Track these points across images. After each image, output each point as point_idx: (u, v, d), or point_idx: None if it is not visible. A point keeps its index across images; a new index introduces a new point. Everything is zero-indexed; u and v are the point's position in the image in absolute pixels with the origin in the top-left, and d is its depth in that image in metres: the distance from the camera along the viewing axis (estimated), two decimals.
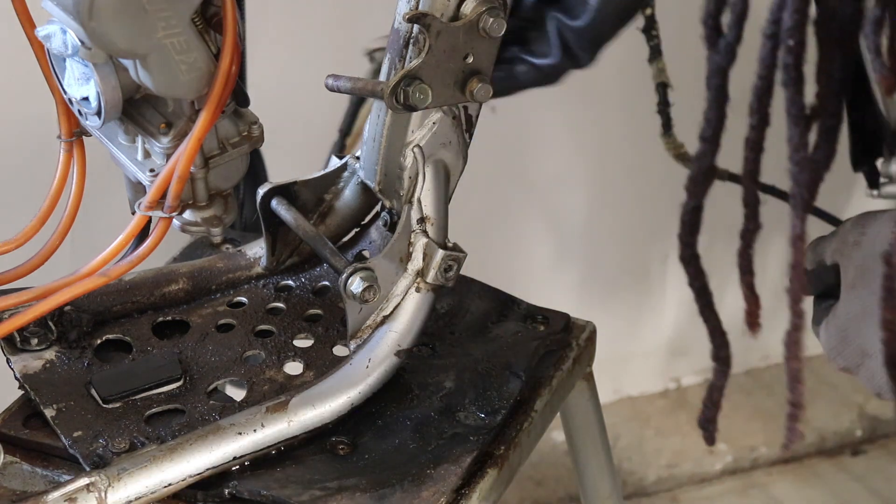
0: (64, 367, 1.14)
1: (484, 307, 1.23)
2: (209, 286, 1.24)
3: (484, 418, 1.11)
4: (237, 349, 1.17)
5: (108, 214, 1.58)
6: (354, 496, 1.03)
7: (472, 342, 1.19)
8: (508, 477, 1.11)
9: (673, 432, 2.20)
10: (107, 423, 1.09)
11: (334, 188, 1.23)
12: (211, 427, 1.06)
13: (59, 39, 0.99)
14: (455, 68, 1.07)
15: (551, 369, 1.18)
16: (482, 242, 2.01)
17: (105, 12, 0.96)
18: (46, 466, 1.08)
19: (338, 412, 1.09)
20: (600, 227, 2.09)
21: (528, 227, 2.08)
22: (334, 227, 1.23)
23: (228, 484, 1.05)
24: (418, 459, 1.07)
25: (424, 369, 1.16)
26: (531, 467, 2.12)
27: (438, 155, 1.13)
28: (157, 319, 1.21)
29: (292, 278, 1.25)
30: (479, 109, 1.13)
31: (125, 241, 1.08)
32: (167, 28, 0.99)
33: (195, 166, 1.07)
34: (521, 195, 2.06)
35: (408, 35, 1.06)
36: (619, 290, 2.17)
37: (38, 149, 1.30)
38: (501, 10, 1.05)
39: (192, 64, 1.02)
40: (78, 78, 1.05)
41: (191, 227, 1.11)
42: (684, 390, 2.28)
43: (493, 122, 1.90)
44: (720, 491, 2.16)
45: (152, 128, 1.07)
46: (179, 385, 1.13)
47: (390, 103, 1.06)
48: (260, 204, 1.21)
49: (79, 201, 1.12)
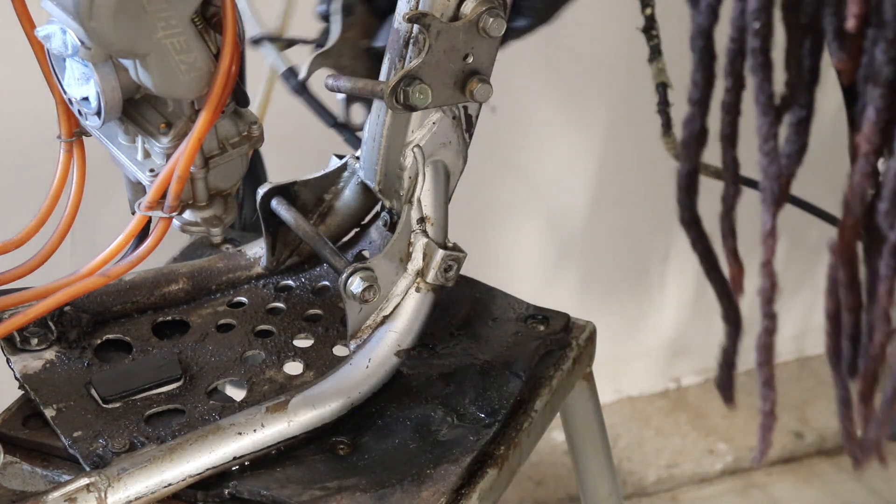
0: (64, 367, 1.14)
1: (484, 307, 1.23)
2: (209, 286, 1.24)
3: (484, 418, 1.11)
4: (237, 349, 1.17)
5: (108, 214, 1.58)
6: (354, 496, 1.03)
7: (472, 342, 1.19)
8: (508, 477, 1.11)
9: (673, 432, 2.20)
10: (107, 423, 1.09)
11: (334, 188, 1.23)
12: (211, 427, 1.06)
13: (59, 39, 0.99)
14: (455, 68, 1.07)
15: (551, 369, 1.18)
16: (483, 242, 2.01)
17: (105, 12, 0.96)
18: (46, 466, 1.08)
19: (338, 412, 1.09)
20: (600, 227, 2.09)
21: (528, 227, 2.08)
22: (334, 227, 1.23)
23: (228, 484, 1.05)
24: (418, 459, 1.07)
25: (424, 369, 1.16)
26: (531, 467, 2.12)
27: (438, 155, 1.13)
28: (157, 319, 1.21)
29: (292, 278, 1.25)
30: (479, 109, 1.13)
31: (125, 241, 1.08)
32: (167, 28, 0.99)
33: (195, 166, 1.07)
34: (521, 195, 2.06)
35: (408, 35, 1.06)
36: (619, 290, 2.17)
37: (39, 149, 1.30)
38: (501, 10, 1.06)
39: (191, 64, 1.02)
40: (78, 78, 1.05)
41: (191, 227, 1.11)
42: (684, 390, 2.28)
43: (493, 122, 1.90)
44: (720, 491, 2.16)
45: (152, 128, 1.07)
46: (179, 385, 1.13)
47: (390, 103, 1.06)
48: (260, 204, 1.21)
49: (79, 201, 1.12)
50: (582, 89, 2.02)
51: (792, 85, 0.76)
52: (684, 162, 0.81)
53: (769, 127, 0.75)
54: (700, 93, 0.79)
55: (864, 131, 0.72)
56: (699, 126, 0.79)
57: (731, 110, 0.78)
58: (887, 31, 0.68)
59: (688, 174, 0.81)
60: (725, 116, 0.79)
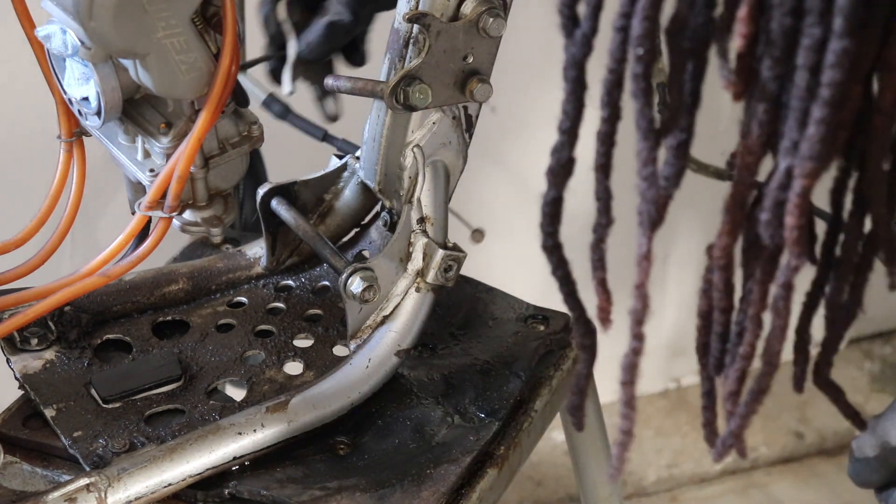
0: (64, 367, 1.14)
1: (484, 307, 1.23)
2: (209, 286, 1.24)
3: (484, 418, 1.11)
4: (237, 349, 1.17)
5: (108, 214, 1.58)
6: (354, 496, 1.03)
7: (472, 342, 1.19)
8: (508, 477, 1.11)
9: (673, 432, 2.20)
10: (107, 423, 1.09)
11: (334, 188, 1.23)
12: (211, 427, 1.06)
13: (59, 39, 0.99)
14: (455, 68, 1.07)
15: (551, 369, 1.18)
16: (483, 242, 2.01)
17: (105, 12, 0.96)
18: (46, 466, 1.08)
19: (338, 412, 1.09)
20: None
21: (528, 226, 2.08)
22: (334, 227, 1.23)
23: (228, 484, 1.05)
24: (418, 459, 1.07)
25: (424, 369, 1.16)
26: (531, 467, 2.12)
27: (438, 155, 1.13)
28: (157, 319, 1.21)
29: (292, 278, 1.25)
30: (479, 109, 1.13)
31: (125, 241, 1.08)
32: (167, 28, 0.99)
33: (195, 166, 1.07)
34: (521, 195, 2.06)
35: (408, 35, 1.06)
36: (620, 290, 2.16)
37: (38, 149, 1.30)
38: (501, 10, 1.06)
39: (191, 64, 1.02)
40: (78, 78, 1.05)
41: (191, 227, 1.11)
42: (684, 390, 2.28)
43: (493, 122, 1.90)
44: (720, 491, 2.16)
45: (152, 128, 1.07)
46: (179, 385, 1.13)
47: (390, 103, 1.06)
48: (260, 204, 1.21)
49: (79, 201, 1.12)
50: None
51: (673, 109, 0.77)
52: (550, 189, 0.83)
53: (649, 152, 0.76)
54: (570, 122, 0.80)
55: (748, 143, 0.73)
56: (567, 156, 0.81)
57: (605, 140, 0.80)
58: (774, 50, 0.69)
59: (552, 201, 0.83)
60: (601, 147, 0.80)
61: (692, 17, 0.72)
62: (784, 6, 0.69)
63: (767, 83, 0.71)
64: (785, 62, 0.70)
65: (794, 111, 0.70)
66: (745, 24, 0.70)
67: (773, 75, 0.70)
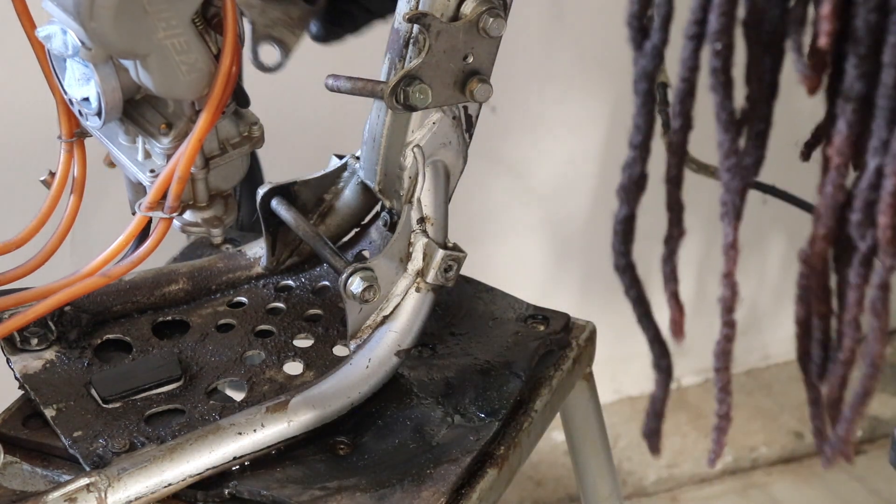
0: (64, 367, 1.14)
1: (484, 307, 1.23)
2: (209, 286, 1.24)
3: (484, 418, 1.11)
4: (237, 349, 1.17)
5: (108, 214, 1.58)
6: (354, 496, 1.03)
7: (472, 342, 1.19)
8: (508, 477, 1.11)
9: (673, 432, 2.20)
10: (107, 423, 1.09)
11: (334, 188, 1.23)
12: (211, 427, 1.06)
13: (60, 40, 0.99)
14: (455, 68, 1.07)
15: (551, 369, 1.18)
16: (483, 242, 2.01)
17: (105, 13, 0.96)
18: (46, 466, 1.08)
19: (338, 412, 1.09)
20: (600, 227, 2.08)
21: (528, 226, 2.08)
22: (334, 227, 1.23)
23: (228, 484, 1.05)
24: (418, 459, 1.07)
25: (424, 369, 1.16)
26: (531, 467, 2.12)
27: (438, 155, 1.13)
28: (157, 319, 1.21)
29: (292, 278, 1.25)
30: (479, 109, 1.13)
31: (125, 241, 1.08)
32: (167, 29, 0.99)
33: (195, 167, 1.07)
34: (521, 195, 2.06)
35: (408, 35, 1.06)
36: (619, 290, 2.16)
37: (39, 149, 1.30)
38: (501, 10, 1.06)
39: (192, 64, 1.02)
40: (78, 78, 1.05)
41: (191, 227, 1.12)
42: (684, 390, 2.27)
43: (493, 122, 1.91)
44: (720, 491, 2.16)
45: (153, 128, 1.07)
46: (179, 385, 1.13)
47: (390, 103, 1.06)
48: (260, 204, 1.21)
49: (79, 201, 1.12)
50: (582, 89, 2.02)
51: (752, 100, 0.76)
52: (622, 207, 0.81)
53: (731, 143, 0.75)
54: (642, 137, 0.78)
55: (836, 144, 0.72)
56: (640, 171, 0.79)
57: (677, 151, 0.78)
58: (859, 48, 0.68)
59: (624, 219, 0.82)
60: (672, 158, 0.79)
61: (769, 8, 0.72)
62: (869, 2, 0.68)
63: (854, 82, 0.70)
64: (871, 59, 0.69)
65: (882, 109, 0.68)
66: (828, 20, 0.68)
67: (859, 73, 0.70)
